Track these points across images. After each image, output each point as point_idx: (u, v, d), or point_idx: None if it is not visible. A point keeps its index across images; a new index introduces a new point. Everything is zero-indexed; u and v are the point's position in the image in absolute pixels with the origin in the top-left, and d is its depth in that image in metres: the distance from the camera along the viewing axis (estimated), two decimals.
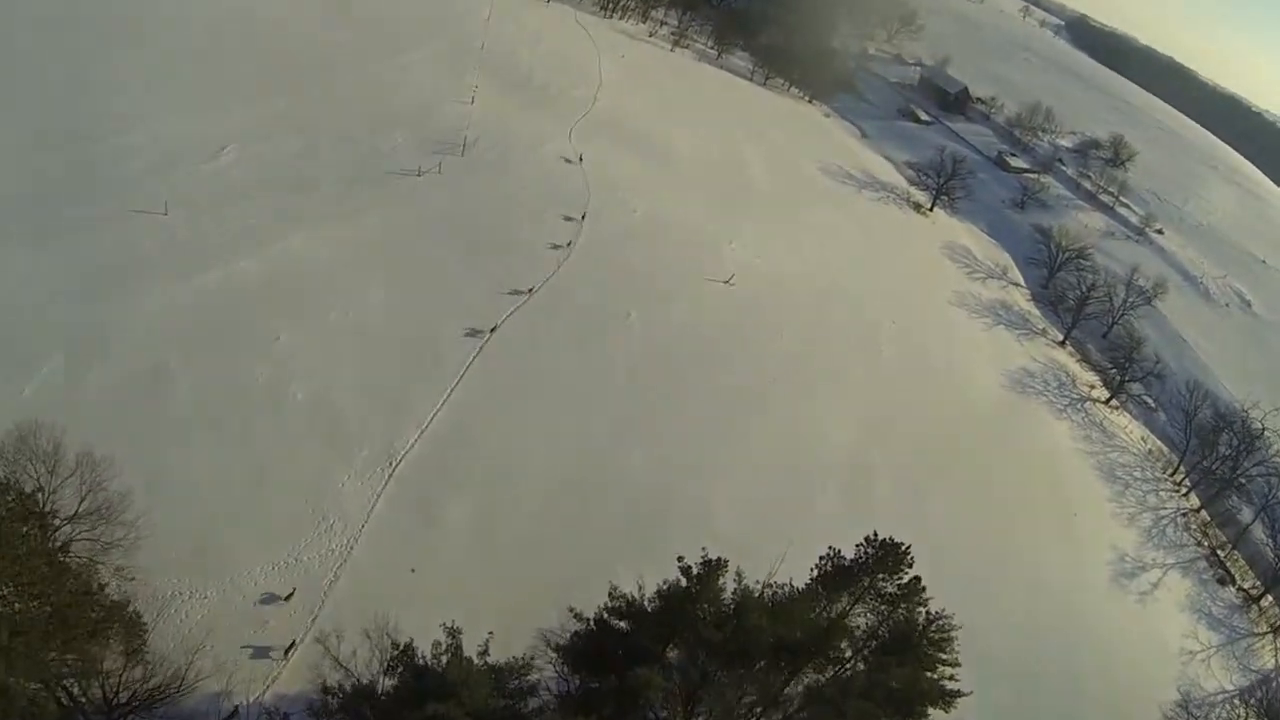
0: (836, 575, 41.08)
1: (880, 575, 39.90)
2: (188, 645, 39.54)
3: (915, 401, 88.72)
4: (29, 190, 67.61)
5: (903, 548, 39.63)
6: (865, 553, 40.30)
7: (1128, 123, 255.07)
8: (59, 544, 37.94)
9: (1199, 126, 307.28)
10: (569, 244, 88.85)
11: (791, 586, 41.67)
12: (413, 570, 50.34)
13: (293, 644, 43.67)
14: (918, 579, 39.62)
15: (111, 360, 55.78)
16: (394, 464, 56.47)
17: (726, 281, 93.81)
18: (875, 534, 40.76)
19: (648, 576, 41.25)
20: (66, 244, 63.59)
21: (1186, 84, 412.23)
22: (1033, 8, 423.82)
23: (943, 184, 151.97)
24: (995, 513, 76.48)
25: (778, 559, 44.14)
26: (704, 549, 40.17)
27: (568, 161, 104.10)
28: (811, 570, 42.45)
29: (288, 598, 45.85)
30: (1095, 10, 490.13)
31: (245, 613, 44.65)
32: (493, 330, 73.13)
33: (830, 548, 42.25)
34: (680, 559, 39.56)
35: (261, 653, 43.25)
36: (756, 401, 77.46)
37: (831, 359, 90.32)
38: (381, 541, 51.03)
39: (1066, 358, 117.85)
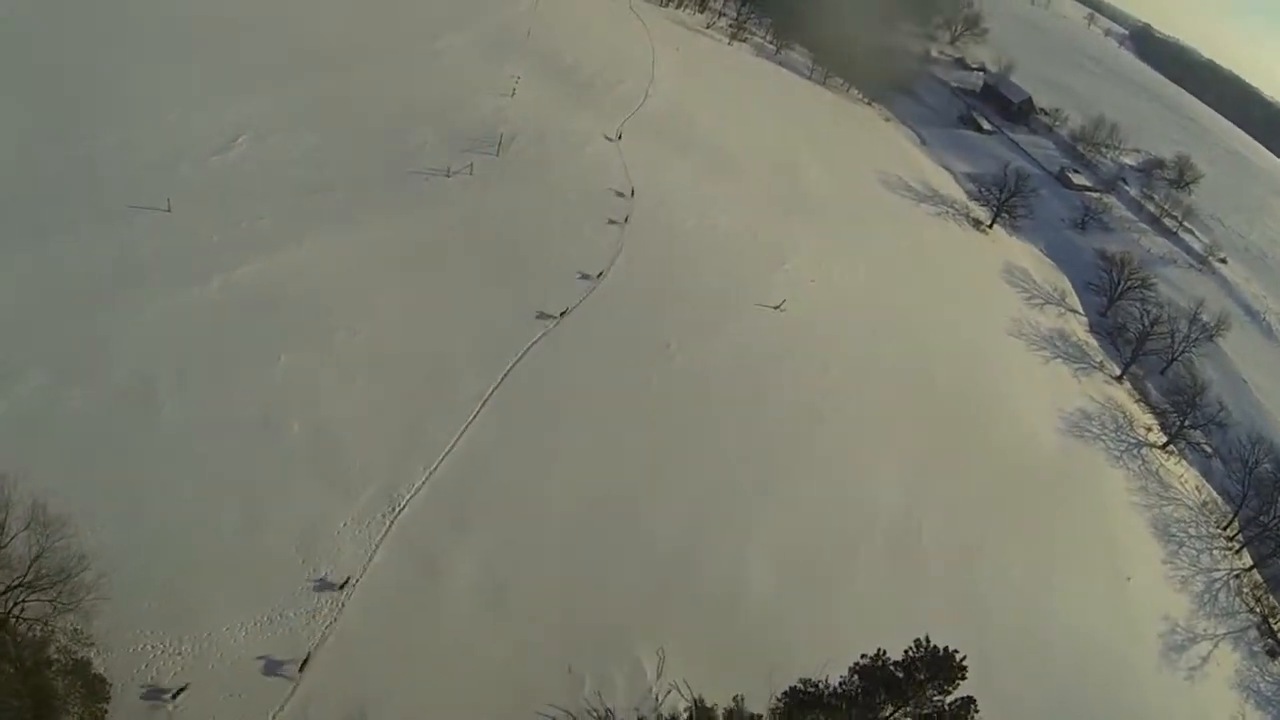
0: (881, 682, 37.82)
1: (930, 688, 36.81)
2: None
3: (968, 449, 79.76)
4: (24, 189, 60.51)
5: (957, 659, 36.76)
6: (914, 659, 37.21)
7: (1194, 142, 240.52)
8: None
9: (1265, 150, 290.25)
10: (609, 260, 78.59)
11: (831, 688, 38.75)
12: None
13: None
14: (970, 701, 36.95)
15: (96, 379, 49.40)
16: (397, 509, 49.64)
17: (777, 307, 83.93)
18: (927, 639, 37.93)
19: (670, 651, 40.31)
20: (60, 245, 57.08)
21: (1251, 102, 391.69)
22: (1098, 15, 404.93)
23: (1004, 201, 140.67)
24: (1046, 574, 69.86)
25: (820, 664, 40.57)
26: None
27: (613, 168, 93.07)
28: (852, 674, 38.91)
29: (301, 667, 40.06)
30: (1158, 20, 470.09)
31: (222, 676, 38.73)
32: (516, 360, 64.22)
33: (879, 651, 38.87)
34: None
35: None
36: (800, 447, 69.34)
37: (882, 398, 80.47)
38: (378, 597, 44.82)
39: (1124, 396, 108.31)
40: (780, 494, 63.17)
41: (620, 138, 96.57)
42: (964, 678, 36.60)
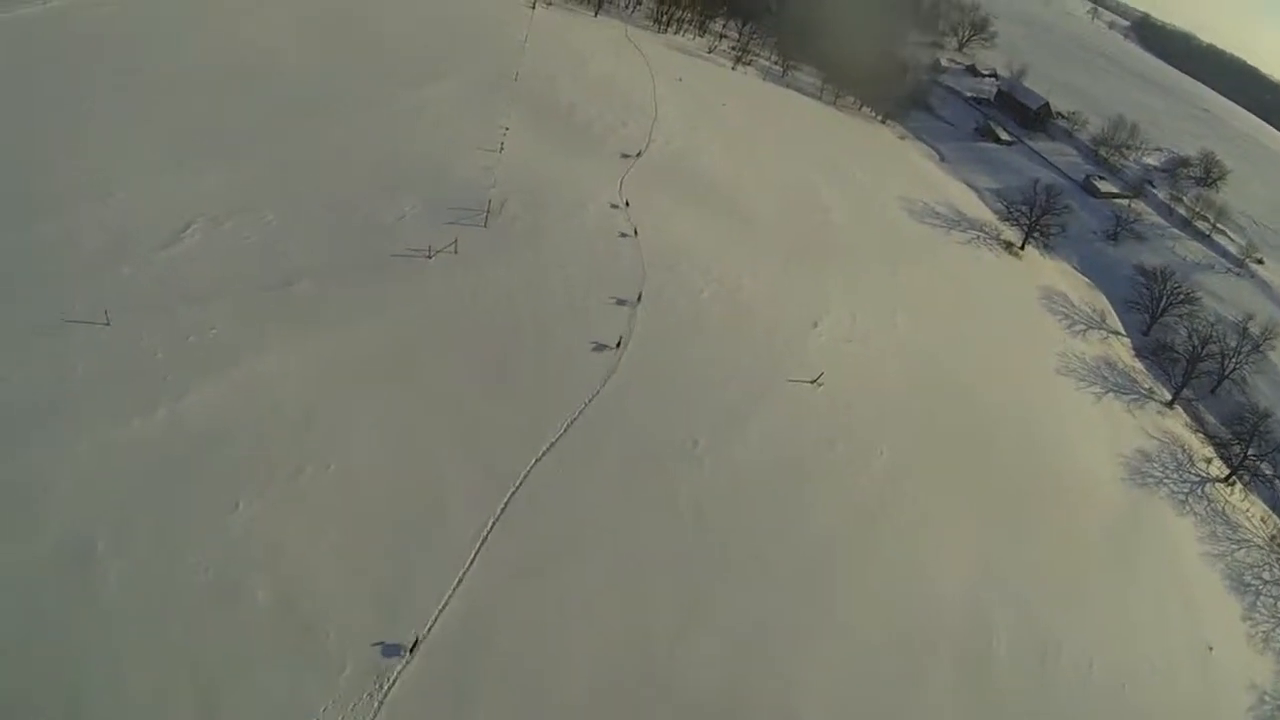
0: None
1: None
2: None
3: (1034, 520, 69.66)
4: None
5: None
6: None
7: (1213, 135, 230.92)
8: None
9: None
10: (618, 344, 66.26)
11: None
12: None
13: None
14: None
15: (24, 536, 40.47)
16: (386, 686, 40.14)
17: (814, 382, 71.38)
18: None
19: None
20: None
21: (1258, 86, 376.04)
22: (1100, 9, 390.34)
23: (1035, 220, 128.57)
24: (1129, 664, 61.39)
25: None
26: None
27: (620, 234, 79.84)
28: None
29: None
30: (1156, 9, 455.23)
31: None
32: (516, 487, 52.50)
33: None
34: None
35: None
36: (853, 557, 58.26)
37: (938, 474, 68.72)
38: None
39: (1180, 427, 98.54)
40: (831, 621, 52.78)
41: (628, 205, 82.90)
42: None
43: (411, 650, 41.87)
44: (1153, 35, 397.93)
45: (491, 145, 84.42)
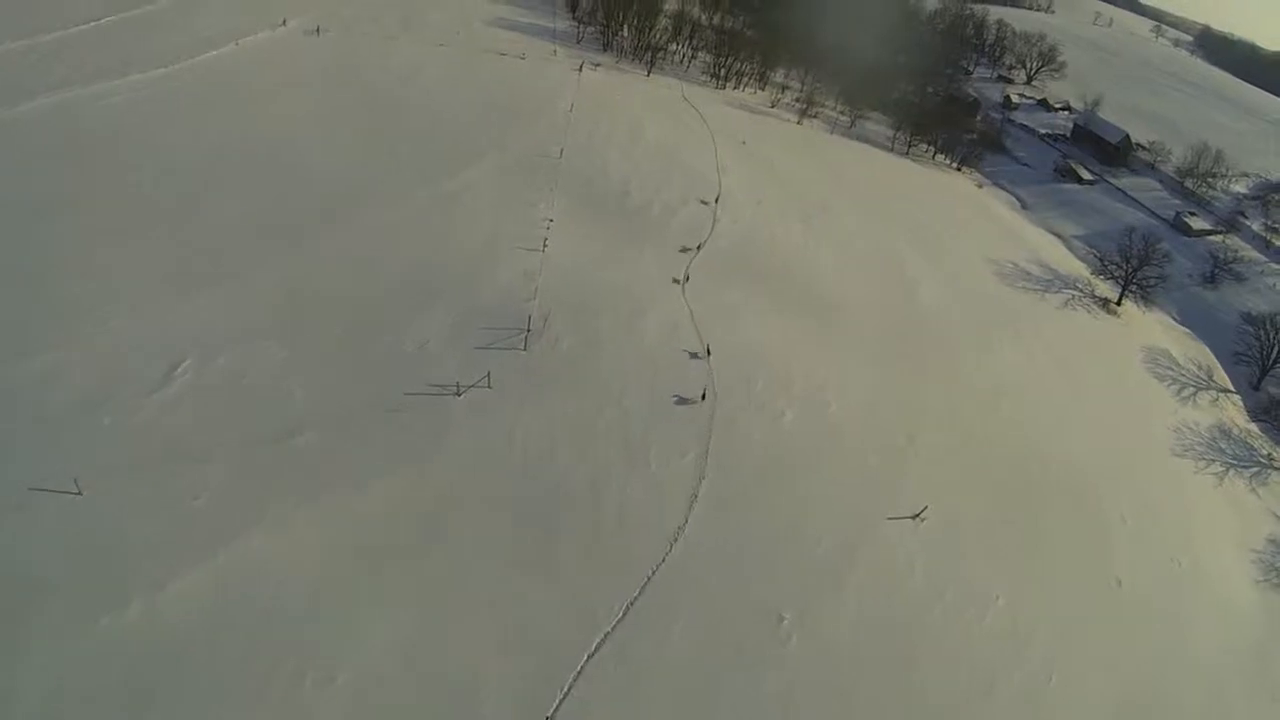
0: None
1: None
2: None
3: (1173, 655, 56.44)
4: None
5: None
6: None
7: None
8: None
9: None
10: (687, 503, 50.65)
11: None
12: None
13: None
14: None
15: None
16: None
17: (917, 516, 56.69)
18: None
19: None
20: None
21: None
22: (1164, 27, 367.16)
23: (1133, 273, 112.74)
24: None
25: None
26: None
27: (686, 352, 65.18)
28: None
29: None
30: (1214, 19, 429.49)
31: None
32: (564, 695, 39.97)
33: None
34: None
35: None
36: None
37: (1061, 616, 54.92)
38: None
39: None
40: None
41: (688, 279, 68.58)
42: None
43: None
44: (1217, 48, 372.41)
45: (533, 242, 70.80)
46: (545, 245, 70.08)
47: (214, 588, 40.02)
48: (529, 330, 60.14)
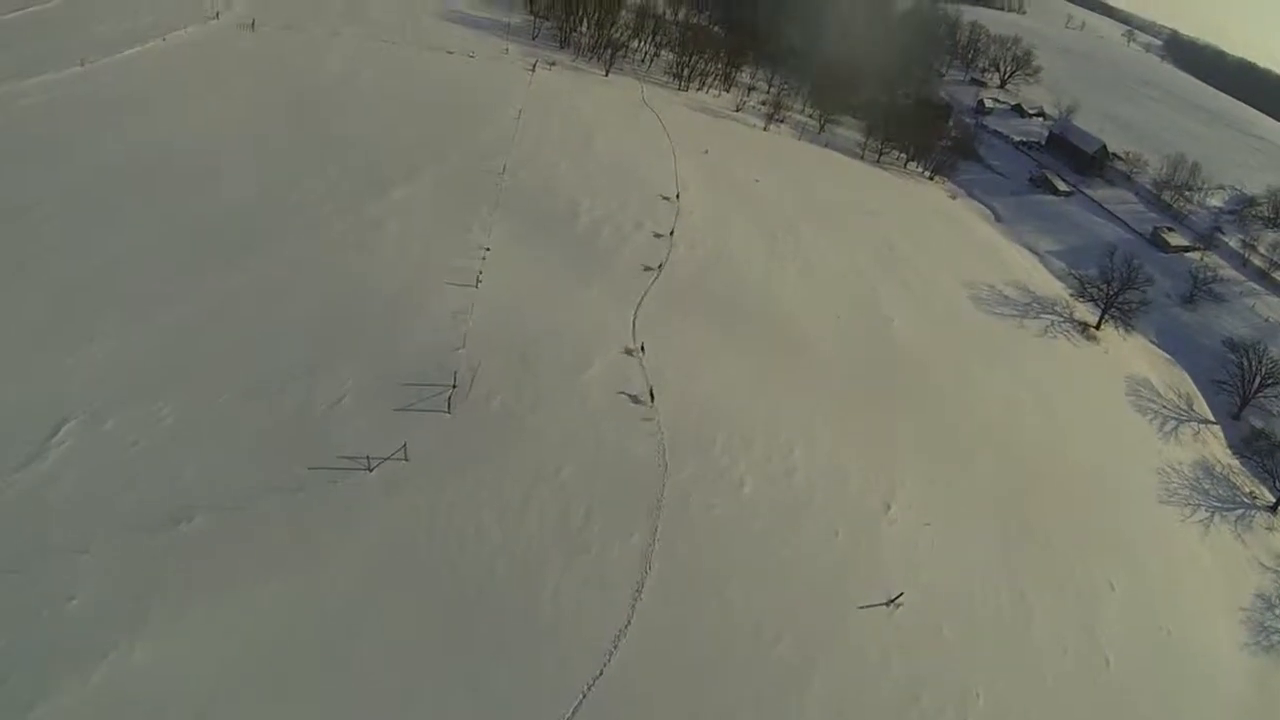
0: None
1: None
2: None
3: None
4: None
5: None
6: None
7: (1271, 165, 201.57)
8: None
9: None
10: (635, 590, 45.26)
11: None
12: None
13: None
14: None
15: None
16: None
17: (891, 603, 50.75)
18: None
19: None
20: None
21: None
22: (1136, 31, 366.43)
23: (1114, 296, 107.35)
24: None
25: None
26: None
27: (633, 400, 58.03)
28: None
29: None
30: (1180, 23, 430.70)
31: None
32: None
33: None
34: None
35: None
36: None
37: (1048, 708, 50.00)
38: None
39: None
40: None
41: (644, 350, 61.39)
42: None
43: None
44: (1185, 54, 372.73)
45: (466, 275, 63.28)
46: (479, 280, 62.50)
47: (86, 712, 33.65)
48: (454, 387, 52.70)
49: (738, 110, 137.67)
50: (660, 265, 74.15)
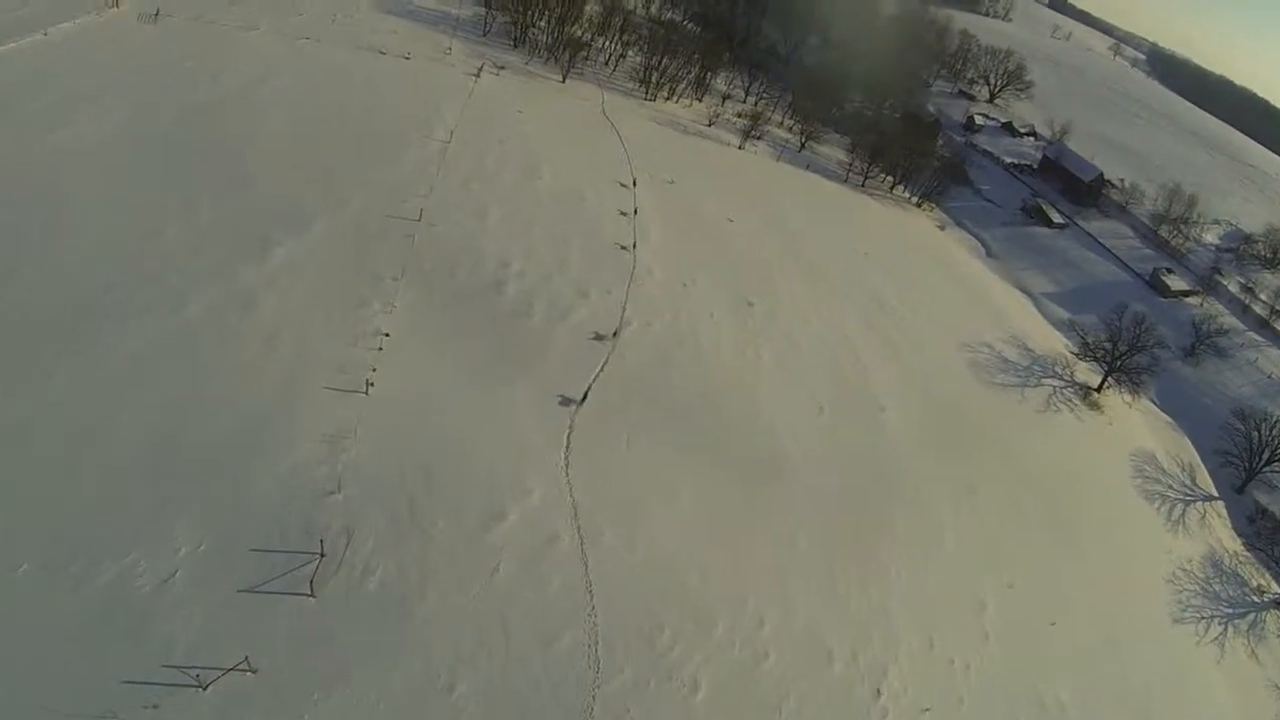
0: None
1: None
2: None
3: None
4: None
5: None
6: None
7: (1261, 197, 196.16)
8: None
9: None
10: None
11: None
12: None
13: None
14: None
15: None
16: None
17: None
18: None
19: None
20: None
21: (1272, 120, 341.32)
22: (1123, 45, 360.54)
23: (1121, 358, 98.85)
24: None
25: None
26: None
27: (562, 586, 45.23)
28: None
29: None
30: (1160, 36, 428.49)
31: None
32: None
33: None
34: None
35: None
36: None
37: None
38: None
39: None
40: None
41: (572, 433, 48.83)
42: None
43: None
44: (1167, 68, 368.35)
45: (354, 376, 49.74)
46: (369, 385, 48.98)
47: None
48: (322, 556, 39.42)
49: (710, 125, 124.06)
50: (603, 364, 60.62)
